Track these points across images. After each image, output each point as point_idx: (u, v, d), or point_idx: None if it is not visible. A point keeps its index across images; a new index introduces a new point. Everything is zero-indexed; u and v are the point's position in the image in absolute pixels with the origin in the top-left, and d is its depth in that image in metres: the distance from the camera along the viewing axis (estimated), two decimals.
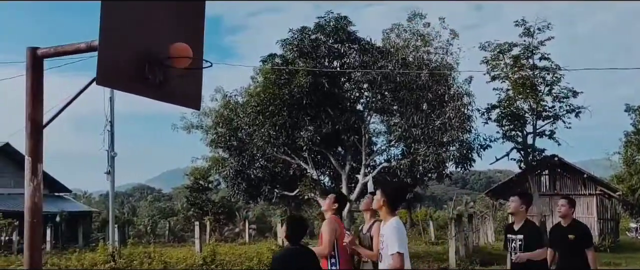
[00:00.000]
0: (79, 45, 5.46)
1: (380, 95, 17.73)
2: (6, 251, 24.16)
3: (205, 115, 22.87)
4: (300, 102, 16.96)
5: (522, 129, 20.83)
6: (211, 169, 27.05)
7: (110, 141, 21.00)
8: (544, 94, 20.40)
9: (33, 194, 5.67)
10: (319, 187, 18.19)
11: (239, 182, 18.96)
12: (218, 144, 19.93)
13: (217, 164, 21.98)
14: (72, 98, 5.77)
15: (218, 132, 19.56)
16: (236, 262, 17.56)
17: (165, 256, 19.79)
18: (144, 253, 20.13)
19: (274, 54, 17.94)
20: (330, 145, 18.34)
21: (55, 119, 5.78)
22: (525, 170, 22.07)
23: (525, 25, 19.94)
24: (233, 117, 18.71)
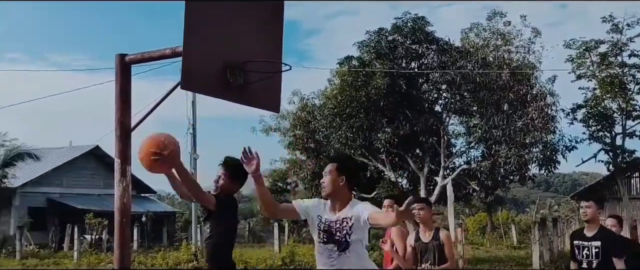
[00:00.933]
0: (164, 51, 5.65)
1: (459, 96, 17.39)
2: (97, 249, 25.39)
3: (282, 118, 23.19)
4: (377, 104, 16.88)
5: (611, 129, 19.87)
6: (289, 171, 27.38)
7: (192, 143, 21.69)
8: (634, 93, 19.41)
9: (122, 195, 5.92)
10: (397, 190, 18.03)
11: (316, 184, 19.07)
12: (296, 146, 20.15)
13: (295, 166, 22.22)
14: (158, 102, 5.98)
15: (296, 135, 19.77)
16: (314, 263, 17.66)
17: (246, 256, 20.22)
18: None
19: (350, 56, 17.96)
20: (408, 147, 18.14)
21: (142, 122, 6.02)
22: (614, 173, 21.05)
23: (613, 21, 19.03)
24: (310, 119, 18.86)
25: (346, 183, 4.07)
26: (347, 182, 4.08)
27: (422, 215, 6.24)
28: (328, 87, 20.14)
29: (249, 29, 5.81)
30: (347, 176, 4.08)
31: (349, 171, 4.13)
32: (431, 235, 6.20)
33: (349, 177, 4.10)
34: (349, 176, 4.09)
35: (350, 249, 4.07)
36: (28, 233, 26.40)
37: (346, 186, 4.08)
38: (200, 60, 5.20)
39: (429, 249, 6.17)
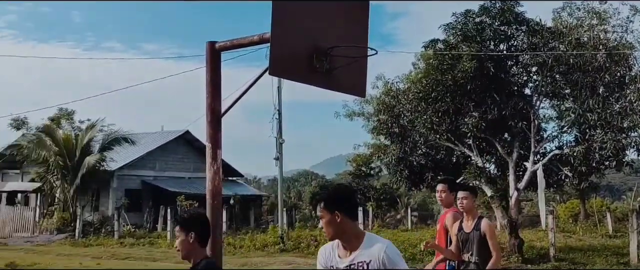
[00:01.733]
0: (252, 38, 5.79)
1: (550, 78, 16.69)
2: None
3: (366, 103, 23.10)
4: (464, 87, 16.49)
5: None
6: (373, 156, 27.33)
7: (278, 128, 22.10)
8: None
9: (213, 178, 6.14)
10: (484, 175, 17.60)
11: (401, 169, 18.94)
12: (380, 131, 20.04)
13: (379, 150, 22.13)
14: (247, 88, 6.13)
15: (380, 119, 19.66)
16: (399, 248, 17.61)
17: None
18: (311, 236, 21.01)
19: (436, 39, 17.60)
20: (496, 132, 17.63)
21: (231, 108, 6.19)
22: None
23: None
24: (395, 104, 18.68)
25: (344, 217, 3.40)
26: (345, 215, 3.41)
27: (465, 204, 6.05)
28: (413, 71, 19.86)
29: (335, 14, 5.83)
30: (340, 210, 3.41)
31: (339, 204, 3.45)
32: (473, 225, 6.01)
33: (344, 210, 3.43)
34: (342, 209, 3.42)
35: None
36: (125, 214, 27.88)
37: (347, 221, 3.41)
38: (287, 46, 5.28)
39: (469, 240, 6.00)
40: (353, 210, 3.49)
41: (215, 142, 6.04)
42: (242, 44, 5.93)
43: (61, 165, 27.72)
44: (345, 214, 3.41)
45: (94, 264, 16.44)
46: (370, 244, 3.36)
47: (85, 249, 21.94)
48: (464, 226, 6.05)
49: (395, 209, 38.51)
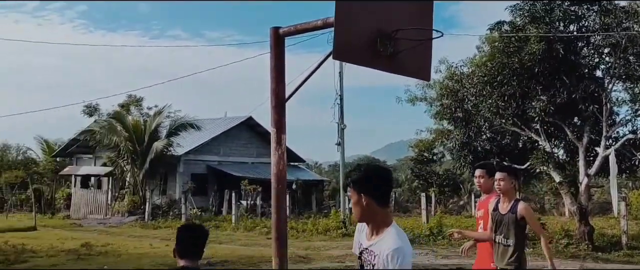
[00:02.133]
0: (316, 23, 5.79)
1: (624, 60, 15.96)
2: (252, 214, 26.96)
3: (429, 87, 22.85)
4: (531, 70, 16.00)
5: None
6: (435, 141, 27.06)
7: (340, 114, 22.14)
8: None
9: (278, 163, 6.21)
10: (552, 161, 17.08)
11: (465, 155, 18.61)
12: (443, 115, 19.76)
13: (442, 136, 21.89)
14: (311, 73, 6.15)
15: (443, 104, 19.37)
16: None
17: None
18: None
19: (502, 21, 17.13)
20: (565, 116, 17.05)
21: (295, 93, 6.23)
22: None
23: None
24: (458, 88, 18.35)
25: (371, 201, 3.29)
26: (372, 199, 3.29)
27: (503, 186, 5.89)
28: (477, 54, 19.47)
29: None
30: (368, 193, 3.30)
31: (368, 187, 3.32)
32: (509, 207, 5.85)
33: (372, 194, 3.30)
34: (370, 193, 3.30)
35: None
36: (191, 197, 28.66)
37: (373, 205, 3.30)
38: (351, 30, 5.26)
39: (503, 222, 5.85)
40: (382, 196, 3.36)
41: (280, 126, 6.11)
42: (306, 29, 5.95)
43: (131, 150, 28.71)
44: (372, 198, 3.30)
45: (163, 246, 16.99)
46: (388, 238, 3.25)
47: (154, 231, 22.72)
48: (500, 207, 5.94)
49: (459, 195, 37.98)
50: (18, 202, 33.13)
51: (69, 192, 33.76)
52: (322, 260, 14.17)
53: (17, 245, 15.58)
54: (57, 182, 36.00)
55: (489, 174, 6.23)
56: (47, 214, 31.19)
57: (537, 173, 18.57)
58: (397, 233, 3.30)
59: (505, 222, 5.82)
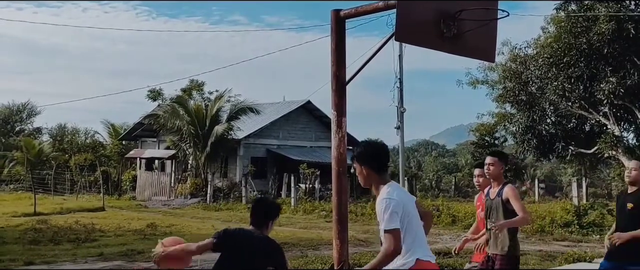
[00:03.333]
0: (377, 4, 5.72)
1: None
2: (310, 197, 27.16)
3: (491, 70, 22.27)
4: (600, 51, 15.42)
5: None
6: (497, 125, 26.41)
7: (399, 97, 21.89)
8: None
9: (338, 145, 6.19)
10: (622, 145, 16.45)
11: (528, 139, 18.15)
12: (506, 98, 19.29)
13: (504, 119, 21.35)
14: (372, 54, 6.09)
15: (506, 87, 18.90)
16: None
17: (453, 210, 20.18)
18: (433, 206, 20.83)
19: (569, 1, 16.55)
20: (636, 98, 16.36)
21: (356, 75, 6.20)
22: None
23: None
24: (522, 70, 17.86)
25: (369, 170, 4.07)
26: (370, 169, 4.06)
27: (492, 171, 5.75)
28: (542, 35, 18.84)
29: None
30: (366, 164, 4.07)
31: (366, 159, 4.09)
32: (497, 191, 5.70)
33: (369, 164, 4.06)
34: (367, 163, 4.06)
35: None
36: (251, 180, 29.10)
37: (371, 173, 4.07)
38: (414, 10, 5.17)
39: (493, 207, 5.71)
40: (378, 165, 4.11)
41: (340, 109, 6.09)
42: (367, 11, 5.89)
43: (193, 134, 29.34)
44: (370, 168, 4.08)
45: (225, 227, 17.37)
46: (381, 193, 4.02)
47: (216, 213, 23.22)
48: (490, 193, 5.84)
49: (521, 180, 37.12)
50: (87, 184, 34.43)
51: (134, 174, 34.88)
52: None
53: (87, 225, 16.23)
54: (123, 165, 37.22)
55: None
56: (114, 195, 32.33)
57: (605, 158, 17.93)
58: (389, 188, 4.04)
59: (495, 207, 5.72)
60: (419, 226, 4.23)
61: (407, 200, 4.18)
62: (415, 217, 4.21)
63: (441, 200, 23.06)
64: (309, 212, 22.41)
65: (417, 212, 4.26)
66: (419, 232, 4.23)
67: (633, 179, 5.69)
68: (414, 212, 4.22)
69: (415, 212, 4.23)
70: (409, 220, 4.15)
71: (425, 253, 4.19)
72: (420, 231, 4.26)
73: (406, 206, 4.12)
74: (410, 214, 4.16)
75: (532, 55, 18.06)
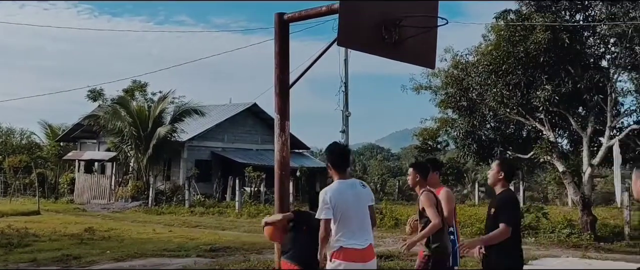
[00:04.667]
0: (320, 9, 5.77)
1: (630, 50, 15.87)
2: (255, 200, 27.04)
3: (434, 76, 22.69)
4: (536, 59, 15.93)
5: None
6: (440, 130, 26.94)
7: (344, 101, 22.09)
8: None
9: (281, 149, 6.21)
10: (556, 150, 17.06)
11: (469, 144, 18.57)
12: (447, 104, 19.68)
13: (446, 124, 21.77)
14: (314, 59, 6.13)
15: (448, 93, 19.28)
16: (466, 223, 17.47)
17: (396, 213, 20.48)
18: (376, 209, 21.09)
19: (508, 10, 17.03)
20: (570, 106, 16.99)
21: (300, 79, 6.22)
22: None
23: None
24: (463, 77, 18.26)
25: (331, 168, 5.25)
26: (331, 166, 5.25)
27: (410, 181, 6.17)
28: (482, 43, 19.33)
29: None
30: (328, 162, 5.28)
31: (327, 157, 5.37)
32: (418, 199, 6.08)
33: (330, 162, 5.25)
34: (329, 161, 5.26)
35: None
36: (195, 183, 28.73)
37: (332, 169, 5.24)
38: (356, 16, 5.24)
39: (420, 215, 6.03)
40: (336, 164, 5.22)
41: (284, 113, 6.10)
42: (310, 15, 5.93)
43: (135, 136, 28.75)
44: (331, 165, 5.23)
45: (166, 231, 17.08)
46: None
47: (157, 217, 22.82)
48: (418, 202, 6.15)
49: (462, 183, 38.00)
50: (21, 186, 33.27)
51: (72, 176, 33.89)
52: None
53: (20, 229, 15.66)
54: (61, 167, 36.12)
55: (432, 170, 6.47)
56: (51, 199, 31.33)
57: (541, 163, 18.55)
58: (335, 184, 5.11)
59: (420, 215, 6.04)
60: (355, 218, 5.01)
61: (347, 195, 5.04)
62: (353, 210, 5.01)
63: (385, 204, 23.35)
64: (253, 216, 22.29)
65: (362, 207, 5.09)
66: (353, 224, 4.98)
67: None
68: (355, 206, 5.04)
69: (356, 206, 5.05)
70: (343, 212, 4.96)
71: (352, 242, 4.95)
72: (355, 223, 5.00)
73: (342, 200, 4.98)
74: (347, 207, 4.98)
75: (473, 62, 18.49)
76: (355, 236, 4.99)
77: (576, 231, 16.16)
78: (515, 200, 5.47)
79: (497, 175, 5.39)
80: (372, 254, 5.16)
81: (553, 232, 16.21)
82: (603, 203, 29.18)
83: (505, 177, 5.41)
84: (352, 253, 4.93)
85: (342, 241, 4.95)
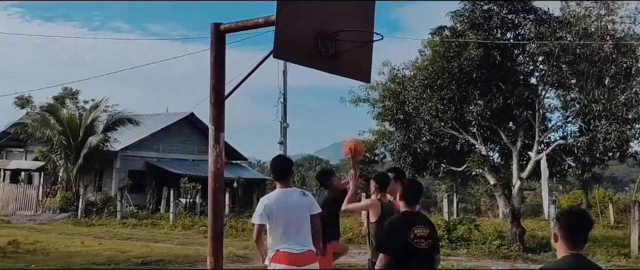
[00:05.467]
0: (257, 20, 5.73)
1: (557, 68, 16.58)
2: (191, 212, 26.56)
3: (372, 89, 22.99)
4: (470, 75, 16.41)
5: None
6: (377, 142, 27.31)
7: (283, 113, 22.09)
8: None
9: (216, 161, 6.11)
10: (488, 164, 17.57)
11: (404, 156, 18.90)
12: (385, 117, 19.99)
13: (384, 137, 22.10)
14: (251, 71, 6.08)
15: (385, 106, 19.59)
16: None
17: None
18: None
19: (443, 26, 17.50)
20: (501, 121, 17.57)
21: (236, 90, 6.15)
22: None
23: None
24: (400, 90, 18.60)
25: (274, 180, 5.80)
26: (273, 176, 5.85)
27: (372, 190, 6.77)
28: (419, 58, 19.76)
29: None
30: (272, 173, 5.96)
31: (271, 170, 6.05)
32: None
33: (273, 173, 5.94)
34: (272, 173, 5.97)
35: None
36: (128, 194, 27.97)
37: (275, 181, 5.75)
38: (292, 29, 5.23)
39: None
40: (277, 175, 5.71)
41: (219, 124, 6.01)
42: (247, 26, 5.88)
43: (65, 145, 27.78)
44: (273, 176, 5.81)
45: (96, 244, 16.52)
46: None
47: (87, 229, 22.05)
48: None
49: None
50: None
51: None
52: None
53: None
54: None
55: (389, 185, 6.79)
56: None
57: (474, 175, 19.06)
58: (274, 191, 5.60)
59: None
60: (293, 224, 5.36)
61: (285, 203, 5.45)
62: (290, 217, 5.38)
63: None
64: (188, 228, 21.88)
65: (299, 214, 5.44)
66: (289, 230, 5.35)
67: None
68: (292, 213, 5.41)
69: (294, 213, 5.42)
70: (278, 218, 5.33)
71: (286, 246, 5.30)
72: (292, 228, 5.36)
73: (280, 207, 5.39)
74: (284, 214, 5.38)
75: (410, 76, 18.86)
76: (291, 241, 5.34)
77: (506, 242, 16.66)
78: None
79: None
80: (311, 259, 5.39)
81: (484, 244, 16.64)
82: (532, 215, 30.23)
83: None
84: (286, 256, 5.29)
85: (278, 245, 5.36)
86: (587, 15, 16.36)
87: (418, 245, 4.94)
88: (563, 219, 3.40)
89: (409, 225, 4.96)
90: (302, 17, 5.35)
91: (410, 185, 5.33)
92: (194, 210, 27.15)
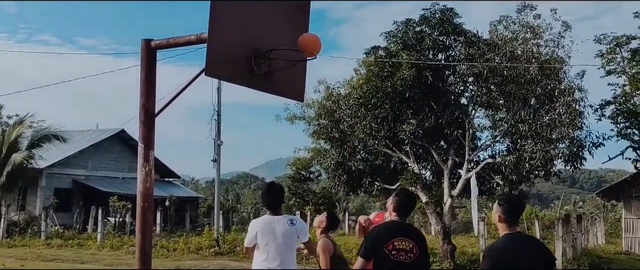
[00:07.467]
0: (189, 38, 5.65)
1: (485, 89, 17.15)
2: (120, 231, 25.73)
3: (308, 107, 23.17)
4: (403, 95, 16.73)
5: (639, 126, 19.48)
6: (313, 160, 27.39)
7: (217, 130, 21.81)
8: None
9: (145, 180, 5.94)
10: (420, 181, 17.89)
11: (339, 174, 19.01)
12: (320, 135, 20.09)
13: (319, 155, 22.17)
14: (182, 88, 5.97)
15: (320, 124, 19.70)
16: None
17: None
18: None
19: (377, 46, 17.81)
20: (432, 140, 17.97)
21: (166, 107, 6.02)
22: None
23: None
24: (335, 109, 18.76)
25: (264, 206, 6.18)
26: (263, 203, 6.39)
27: (316, 222, 6.69)
28: (354, 76, 20.02)
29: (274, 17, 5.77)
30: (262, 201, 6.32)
31: (261, 197, 6.35)
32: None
33: (263, 202, 6.34)
34: (262, 202, 6.35)
35: None
36: (53, 214, 26.86)
37: (265, 208, 6.06)
38: (225, 47, 5.18)
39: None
40: (266, 202, 6.00)
41: (148, 142, 5.86)
42: (179, 43, 5.78)
43: None
44: (263, 203, 6.24)
45: (18, 265, 15.76)
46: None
47: (9, 250, 21.00)
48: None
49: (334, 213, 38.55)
50: None
51: None
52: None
53: None
54: None
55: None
56: None
57: None
58: (263, 216, 5.98)
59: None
60: (278, 248, 5.62)
61: (272, 228, 5.70)
62: (276, 241, 5.63)
63: None
64: (117, 248, 21.16)
65: (285, 241, 5.64)
66: (273, 252, 5.62)
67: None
68: (278, 238, 5.63)
69: (280, 239, 5.63)
70: (267, 240, 5.64)
71: (270, 265, 5.59)
72: (276, 251, 5.62)
73: (267, 231, 5.68)
74: (270, 238, 5.64)
75: (345, 95, 19.07)
76: (274, 263, 5.64)
77: (438, 259, 16.95)
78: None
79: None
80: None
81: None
82: (464, 231, 30.95)
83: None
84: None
85: (263, 265, 5.66)
86: (514, 38, 17.01)
87: (395, 257, 4.75)
88: (504, 204, 4.49)
89: (390, 235, 4.81)
90: (235, 35, 5.31)
91: (406, 197, 5.17)
92: (123, 230, 26.32)
